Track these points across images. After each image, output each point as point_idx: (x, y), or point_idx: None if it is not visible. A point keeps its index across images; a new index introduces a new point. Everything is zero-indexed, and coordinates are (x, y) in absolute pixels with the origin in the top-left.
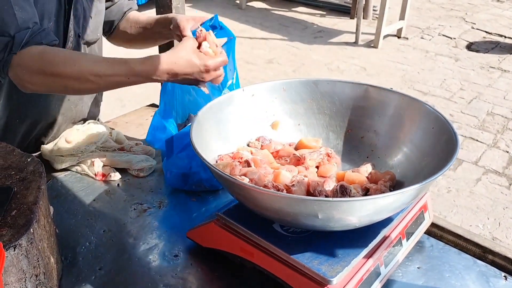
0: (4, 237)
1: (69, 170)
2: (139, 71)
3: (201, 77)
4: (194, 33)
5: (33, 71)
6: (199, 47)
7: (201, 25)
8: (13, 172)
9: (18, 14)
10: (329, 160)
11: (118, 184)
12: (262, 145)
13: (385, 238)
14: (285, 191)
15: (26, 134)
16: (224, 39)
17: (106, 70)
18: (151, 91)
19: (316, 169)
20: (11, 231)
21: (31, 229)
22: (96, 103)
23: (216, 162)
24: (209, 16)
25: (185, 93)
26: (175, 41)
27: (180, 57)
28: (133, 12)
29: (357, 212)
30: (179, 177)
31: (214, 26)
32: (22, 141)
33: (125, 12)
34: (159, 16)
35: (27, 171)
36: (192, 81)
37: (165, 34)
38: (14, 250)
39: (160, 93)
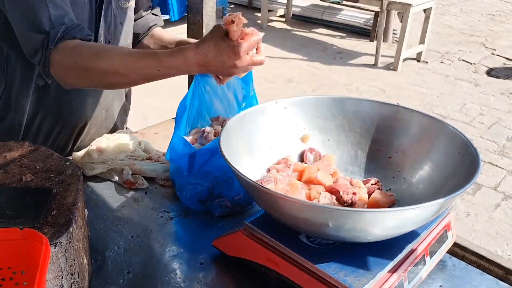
0: (46, 234)
1: (99, 177)
2: (169, 63)
3: (233, 65)
4: None
5: (68, 66)
6: (228, 34)
7: None
8: (53, 175)
9: (52, 11)
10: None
11: (146, 192)
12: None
13: (409, 254)
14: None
15: (56, 137)
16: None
17: (136, 62)
18: (173, 105)
19: None
20: (52, 230)
21: (71, 229)
22: (125, 110)
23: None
24: None
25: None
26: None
27: (209, 46)
28: (158, 28)
29: (374, 224)
30: (197, 195)
31: None
32: (53, 145)
33: (151, 27)
34: (180, 38)
35: (66, 174)
36: (224, 70)
37: None
38: (55, 248)
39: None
